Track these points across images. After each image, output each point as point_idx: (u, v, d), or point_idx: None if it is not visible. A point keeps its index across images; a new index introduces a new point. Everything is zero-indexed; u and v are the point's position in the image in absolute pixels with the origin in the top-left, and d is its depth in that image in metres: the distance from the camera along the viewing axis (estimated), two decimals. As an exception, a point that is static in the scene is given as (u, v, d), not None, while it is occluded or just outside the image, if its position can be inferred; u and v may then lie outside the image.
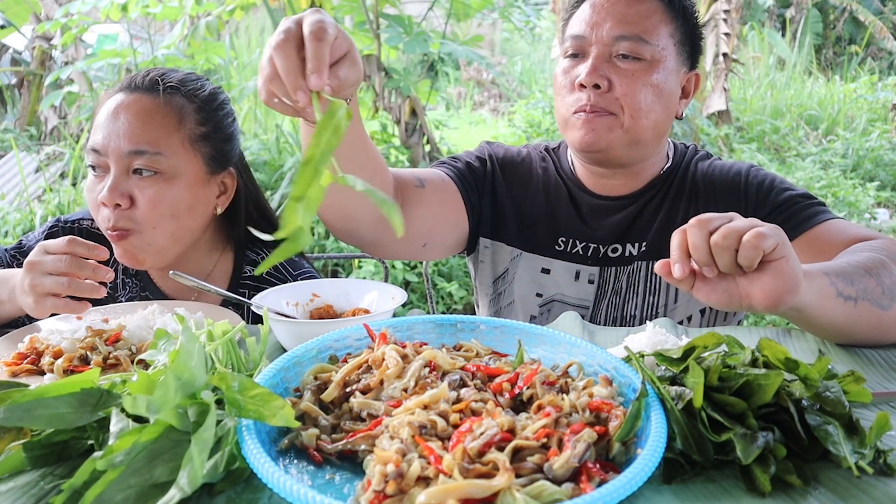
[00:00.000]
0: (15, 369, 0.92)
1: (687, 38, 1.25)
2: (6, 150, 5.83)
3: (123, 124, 1.19)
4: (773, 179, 1.27)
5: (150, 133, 1.19)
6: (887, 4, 11.17)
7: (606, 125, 1.19)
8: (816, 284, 0.89)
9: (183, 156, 1.22)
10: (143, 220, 1.19)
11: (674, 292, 1.29)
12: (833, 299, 0.91)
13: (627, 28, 1.19)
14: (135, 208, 1.19)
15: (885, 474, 0.62)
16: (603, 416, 0.64)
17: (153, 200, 1.19)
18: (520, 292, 1.35)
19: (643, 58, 1.19)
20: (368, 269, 4.02)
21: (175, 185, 1.21)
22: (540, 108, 7.27)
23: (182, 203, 1.22)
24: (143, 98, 1.22)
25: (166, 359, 0.73)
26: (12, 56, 7.44)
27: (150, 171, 1.19)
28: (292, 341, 0.95)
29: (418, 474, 0.55)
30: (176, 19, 5.08)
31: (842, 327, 0.96)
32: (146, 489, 0.56)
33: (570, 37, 1.24)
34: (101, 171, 1.22)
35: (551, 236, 1.33)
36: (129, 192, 1.18)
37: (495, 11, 5.71)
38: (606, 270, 1.31)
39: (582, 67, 1.20)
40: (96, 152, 1.20)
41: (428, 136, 5.13)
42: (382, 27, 4.87)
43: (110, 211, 1.18)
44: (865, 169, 6.50)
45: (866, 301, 0.94)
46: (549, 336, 0.82)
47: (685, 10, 1.25)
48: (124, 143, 1.18)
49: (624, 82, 1.18)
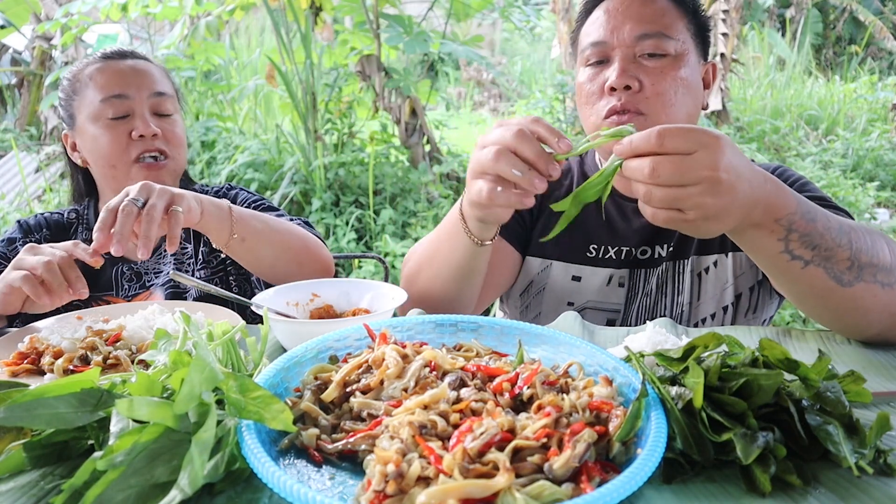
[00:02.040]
0: (15, 369, 0.92)
1: (699, 30, 1.26)
2: (6, 150, 5.83)
3: (139, 76, 1.43)
4: (797, 180, 1.26)
5: (159, 82, 1.46)
6: (887, 4, 11.17)
7: (639, 127, 1.19)
8: (760, 239, 0.90)
9: (175, 100, 1.49)
10: (172, 147, 1.44)
11: (697, 290, 1.30)
12: (776, 255, 0.91)
13: (648, 26, 1.19)
14: (164, 139, 1.42)
15: (885, 474, 0.62)
16: (603, 416, 0.64)
17: (172, 132, 1.45)
18: (551, 302, 1.36)
19: (668, 53, 1.19)
20: (368, 269, 4.02)
21: (180, 120, 1.48)
22: (540, 108, 7.27)
23: (184, 135, 1.49)
24: (138, 62, 1.47)
25: (167, 359, 0.73)
26: (12, 56, 7.44)
27: (168, 114, 1.44)
28: (292, 341, 0.95)
29: (418, 474, 0.55)
30: (176, 19, 5.08)
31: (785, 284, 0.96)
32: (146, 489, 0.56)
33: (590, 45, 1.24)
34: (120, 119, 1.40)
35: (583, 243, 1.34)
36: (159, 127, 1.42)
37: (495, 11, 5.72)
38: (636, 273, 1.32)
39: (610, 72, 1.20)
40: (121, 97, 1.40)
41: (428, 136, 5.13)
42: (382, 27, 4.88)
43: (148, 140, 1.40)
44: (865, 169, 6.50)
45: (820, 268, 0.92)
46: (549, 336, 0.82)
47: (693, 3, 1.26)
48: (146, 88, 1.43)
49: (654, 80, 1.18)
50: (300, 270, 1.29)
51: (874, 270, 0.93)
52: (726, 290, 1.29)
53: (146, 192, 1.06)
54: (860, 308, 0.95)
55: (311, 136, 4.96)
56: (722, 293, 1.30)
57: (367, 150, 5.07)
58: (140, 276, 1.47)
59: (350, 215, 4.65)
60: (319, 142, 4.92)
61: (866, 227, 0.97)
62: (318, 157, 4.76)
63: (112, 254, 1.01)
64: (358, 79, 5.09)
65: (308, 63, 4.84)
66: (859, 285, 0.93)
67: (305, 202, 4.76)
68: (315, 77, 4.93)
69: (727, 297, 1.30)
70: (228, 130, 5.63)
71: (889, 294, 0.95)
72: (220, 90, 5.93)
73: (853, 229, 0.94)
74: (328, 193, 4.75)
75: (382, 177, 4.93)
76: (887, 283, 0.94)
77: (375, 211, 4.77)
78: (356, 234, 4.58)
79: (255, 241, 1.21)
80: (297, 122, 5.15)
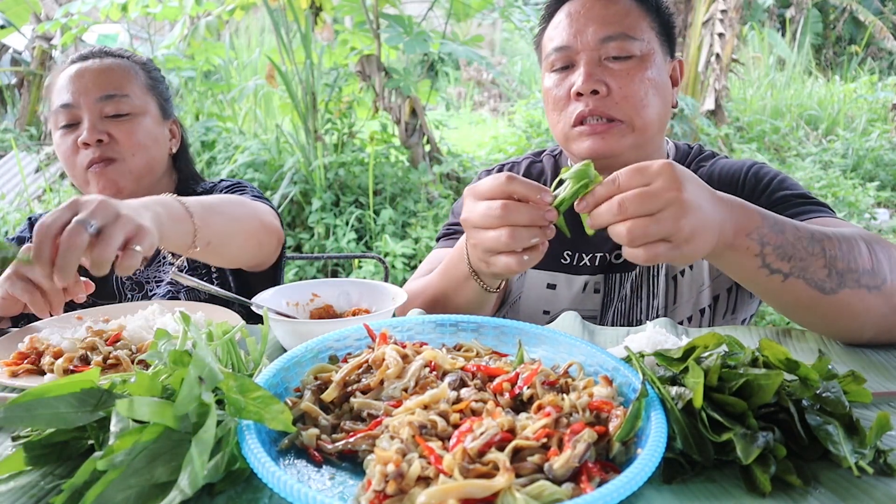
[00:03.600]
0: (15, 369, 0.92)
1: (663, 27, 1.25)
2: (6, 150, 5.83)
3: (89, 79, 1.39)
4: (774, 177, 1.24)
5: (115, 81, 1.41)
6: (887, 4, 11.17)
7: (618, 133, 1.18)
8: (738, 259, 0.91)
9: (143, 97, 1.44)
10: (124, 149, 1.39)
11: (673, 294, 1.28)
12: (756, 271, 0.91)
13: (612, 28, 1.18)
14: (114, 142, 1.38)
15: (886, 474, 0.62)
16: (603, 416, 0.64)
17: (129, 132, 1.39)
18: (527, 311, 1.34)
19: (633, 54, 1.18)
20: (368, 269, 4.02)
21: (143, 120, 1.43)
22: (540, 108, 7.27)
23: (150, 134, 1.44)
24: (100, 61, 1.43)
25: (167, 359, 0.73)
26: (12, 56, 7.43)
27: (122, 114, 1.39)
28: (292, 341, 0.95)
29: (418, 474, 0.55)
30: (176, 19, 5.08)
31: (771, 300, 0.97)
32: (146, 489, 0.56)
33: (554, 50, 1.22)
34: (71, 127, 1.39)
35: (557, 251, 1.32)
36: (106, 130, 1.38)
37: (495, 11, 5.72)
38: (611, 278, 1.30)
39: (575, 76, 1.19)
40: (68, 107, 1.37)
41: (428, 136, 5.13)
42: (382, 27, 4.87)
43: (93, 149, 1.37)
44: (865, 169, 6.50)
45: (800, 279, 0.92)
46: (550, 336, 0.82)
47: (655, 1, 1.24)
48: (94, 92, 1.38)
49: (622, 83, 1.17)
50: (260, 250, 1.34)
51: (855, 276, 0.93)
52: (703, 293, 1.28)
53: (103, 217, 0.86)
54: (850, 314, 0.94)
55: (311, 136, 4.96)
56: (698, 296, 1.28)
57: (367, 150, 5.07)
58: (142, 286, 1.47)
59: (350, 215, 4.65)
60: (319, 142, 4.92)
61: (841, 234, 0.96)
62: (318, 157, 4.76)
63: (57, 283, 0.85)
64: (358, 79, 5.09)
65: (308, 63, 4.84)
66: (844, 292, 0.93)
67: (305, 202, 4.76)
68: (315, 77, 4.93)
69: (704, 300, 1.28)
70: (228, 130, 5.63)
71: (877, 297, 0.94)
72: (220, 90, 5.92)
73: (826, 237, 0.94)
74: (328, 193, 4.75)
75: (382, 177, 4.93)
76: (874, 286, 0.94)
77: (375, 211, 4.77)
78: (356, 234, 4.58)
79: (219, 240, 1.18)
80: (297, 122, 5.15)
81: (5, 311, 1.10)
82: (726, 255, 0.90)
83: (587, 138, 1.19)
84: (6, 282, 1.06)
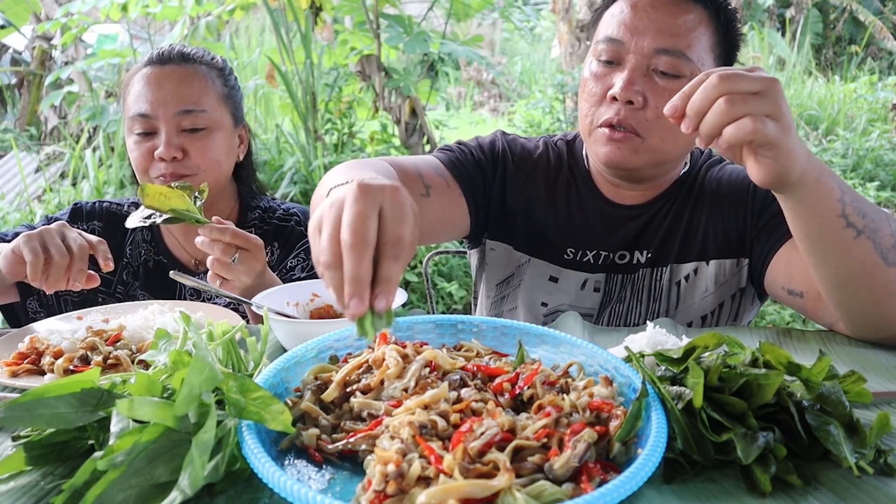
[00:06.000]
0: (15, 369, 0.92)
1: (726, 52, 1.18)
2: (6, 150, 5.83)
3: (168, 91, 1.37)
4: None
5: (193, 95, 1.39)
6: (887, 4, 11.17)
7: (632, 148, 1.13)
8: (821, 199, 0.89)
9: (218, 110, 1.42)
10: (197, 167, 1.38)
11: (675, 298, 1.26)
12: (834, 219, 0.89)
13: (670, 41, 1.10)
14: (188, 158, 1.38)
15: (886, 474, 0.62)
16: (603, 416, 0.64)
17: (203, 149, 1.39)
18: (525, 299, 1.32)
19: (683, 75, 1.10)
20: (368, 269, 4.01)
21: (217, 134, 1.41)
22: (540, 108, 7.27)
23: (223, 148, 1.43)
24: (178, 68, 1.40)
25: (167, 359, 0.73)
26: (12, 56, 7.43)
27: (199, 128, 1.38)
28: (292, 341, 0.95)
29: (419, 474, 0.55)
30: (176, 19, 5.07)
31: (837, 259, 0.93)
32: (147, 489, 0.56)
33: (606, 39, 1.15)
34: (146, 136, 1.38)
35: (561, 245, 1.30)
36: (181, 146, 1.37)
37: (495, 11, 5.72)
38: (612, 278, 1.29)
39: (617, 78, 1.12)
40: (145, 117, 1.37)
41: (428, 136, 5.12)
42: (382, 27, 4.87)
43: (167, 163, 1.36)
44: (865, 169, 6.50)
45: (870, 241, 0.90)
46: (550, 336, 0.82)
47: (728, 22, 1.16)
48: (172, 106, 1.37)
49: (659, 102, 1.09)
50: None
51: None
52: (706, 299, 1.25)
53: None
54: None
55: (311, 136, 4.95)
56: (701, 302, 1.26)
57: (367, 150, 5.07)
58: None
59: (350, 215, 4.63)
60: (319, 142, 4.92)
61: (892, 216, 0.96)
62: (318, 157, 4.76)
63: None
64: (358, 79, 5.08)
65: (308, 63, 4.84)
66: None
67: (305, 202, 4.76)
68: (315, 77, 4.92)
69: (707, 306, 1.26)
70: (229, 130, 5.62)
71: None
72: (220, 90, 5.91)
73: (886, 213, 0.94)
74: (328, 193, 4.73)
75: (382, 177, 4.91)
76: None
77: (375, 211, 4.75)
78: (356, 234, 4.56)
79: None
80: (297, 122, 5.15)
81: (8, 268, 1.11)
82: (812, 189, 0.88)
83: (605, 144, 1.15)
84: (24, 237, 1.07)
